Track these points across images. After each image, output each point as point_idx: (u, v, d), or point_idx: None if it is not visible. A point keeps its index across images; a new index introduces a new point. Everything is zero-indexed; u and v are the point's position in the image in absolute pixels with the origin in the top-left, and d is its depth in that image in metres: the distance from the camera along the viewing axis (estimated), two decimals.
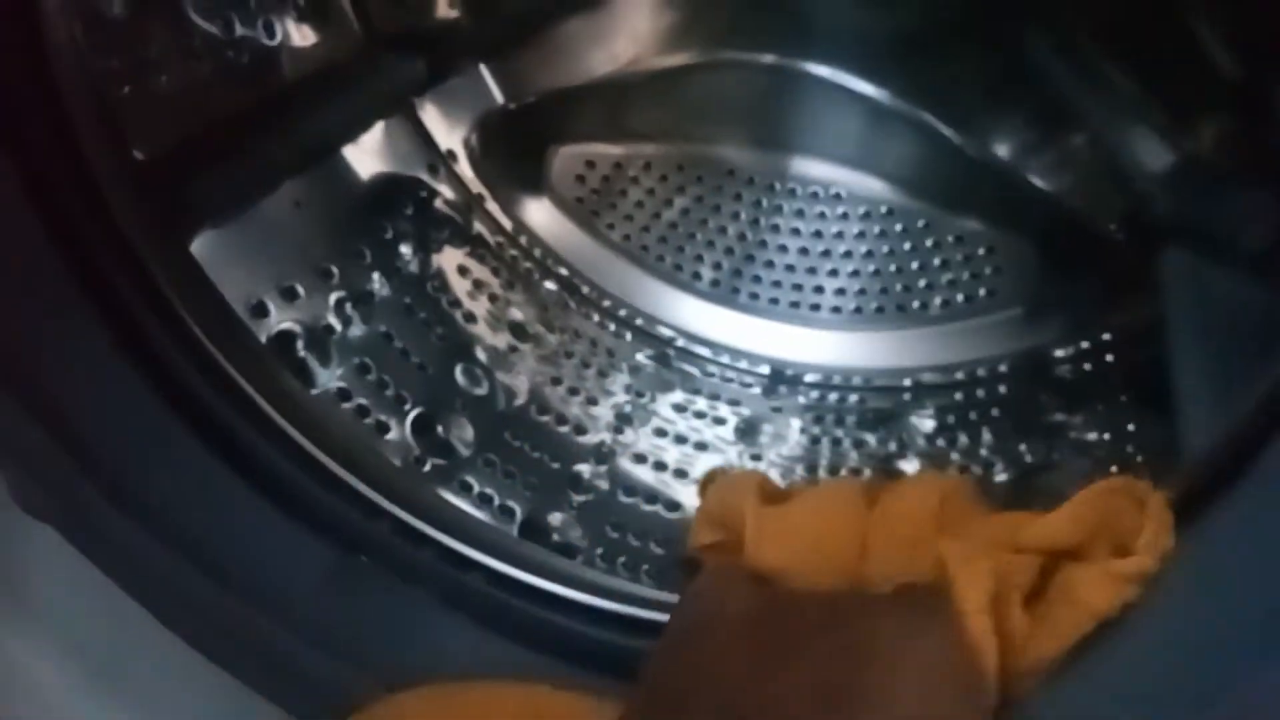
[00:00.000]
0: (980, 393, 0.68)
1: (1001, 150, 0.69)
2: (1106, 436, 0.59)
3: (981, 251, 0.70)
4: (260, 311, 0.58)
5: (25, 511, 0.36)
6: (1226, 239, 0.55)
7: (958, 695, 0.33)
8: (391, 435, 0.61)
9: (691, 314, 0.77)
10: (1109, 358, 0.64)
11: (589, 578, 0.49)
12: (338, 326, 0.63)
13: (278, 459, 0.40)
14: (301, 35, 0.64)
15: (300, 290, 0.61)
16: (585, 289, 0.78)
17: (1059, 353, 0.66)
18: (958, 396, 0.69)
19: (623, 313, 0.78)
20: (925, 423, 0.68)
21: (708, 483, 0.51)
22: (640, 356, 0.76)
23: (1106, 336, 0.65)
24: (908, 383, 0.71)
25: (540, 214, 0.78)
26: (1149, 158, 0.61)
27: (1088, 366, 0.64)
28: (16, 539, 0.40)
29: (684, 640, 0.40)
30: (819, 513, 0.42)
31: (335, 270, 0.64)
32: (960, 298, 0.71)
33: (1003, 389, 0.68)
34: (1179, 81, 0.60)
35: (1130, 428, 0.58)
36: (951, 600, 0.34)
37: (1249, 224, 0.54)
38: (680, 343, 0.77)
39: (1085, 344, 0.65)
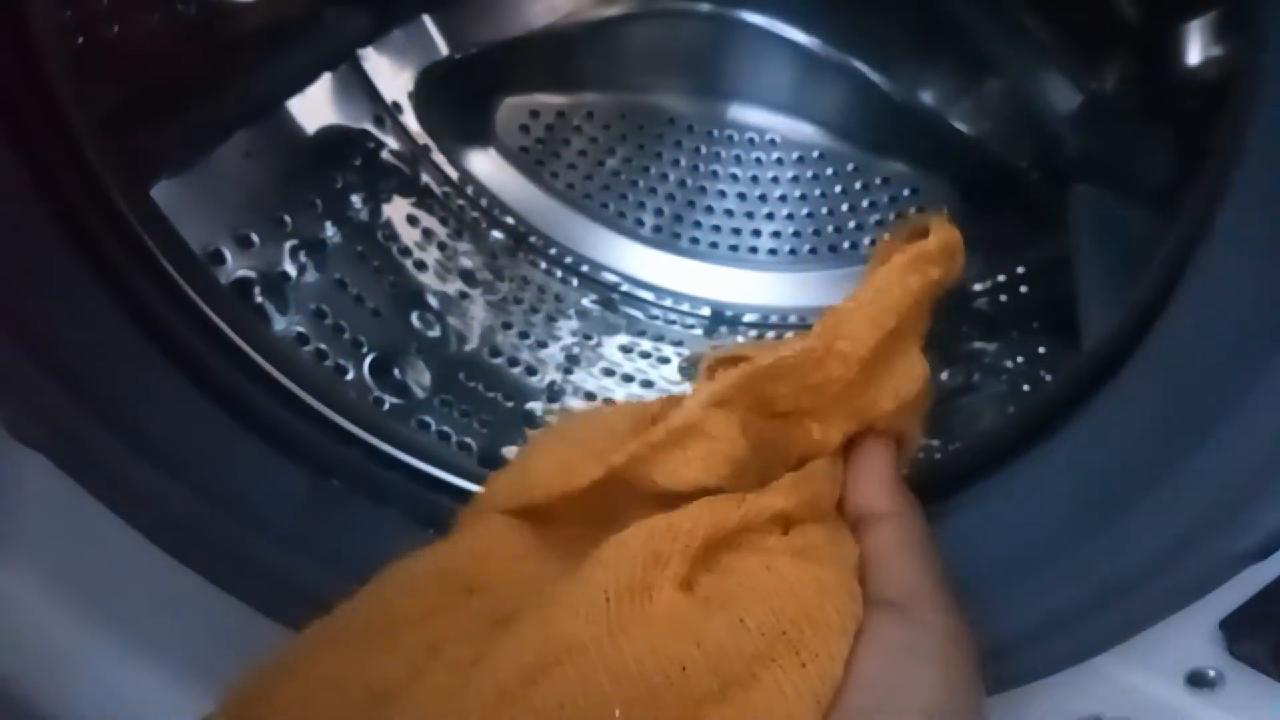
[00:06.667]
0: None
1: (926, 96, 0.72)
2: (1020, 360, 0.63)
3: (906, 193, 0.74)
4: (217, 259, 0.60)
5: (20, 441, 0.38)
6: (1128, 174, 0.59)
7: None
8: (350, 377, 0.63)
9: (635, 259, 0.80)
10: (1023, 289, 0.68)
11: None
12: (293, 273, 0.64)
13: (252, 390, 0.42)
14: None
15: (255, 238, 0.63)
16: (532, 237, 0.80)
17: (978, 286, 0.69)
18: None
19: (569, 260, 0.80)
20: None
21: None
22: (586, 301, 0.78)
23: (1021, 270, 0.68)
24: None
25: (485, 164, 0.80)
26: (1059, 100, 0.65)
27: (1004, 298, 0.68)
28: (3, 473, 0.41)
29: None
30: None
31: (288, 219, 0.66)
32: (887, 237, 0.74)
33: None
34: (1086, 27, 0.64)
35: (1041, 350, 0.62)
36: None
37: (1147, 159, 0.59)
38: (625, 287, 0.79)
39: (1002, 278, 0.69)
